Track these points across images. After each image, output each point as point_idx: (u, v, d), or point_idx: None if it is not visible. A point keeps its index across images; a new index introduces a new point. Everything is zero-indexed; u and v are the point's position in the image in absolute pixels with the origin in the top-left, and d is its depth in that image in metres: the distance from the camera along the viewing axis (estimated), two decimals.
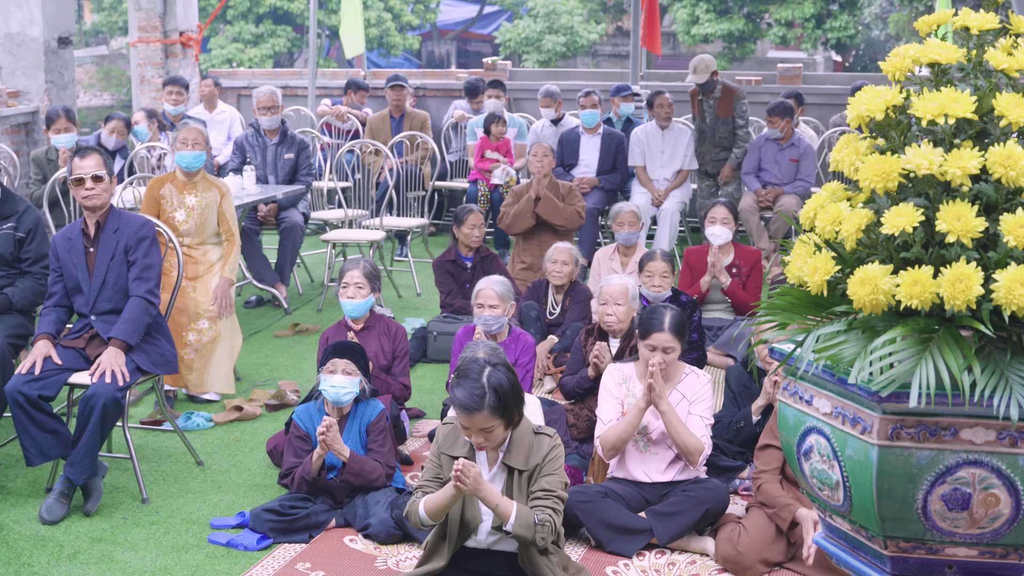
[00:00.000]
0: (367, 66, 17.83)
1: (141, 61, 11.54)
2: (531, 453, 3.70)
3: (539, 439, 3.73)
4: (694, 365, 5.87)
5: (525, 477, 3.68)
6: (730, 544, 4.23)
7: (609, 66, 25.46)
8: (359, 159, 9.34)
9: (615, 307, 5.37)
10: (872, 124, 2.64)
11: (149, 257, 4.92)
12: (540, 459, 3.69)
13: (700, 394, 4.56)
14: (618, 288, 5.40)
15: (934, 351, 2.36)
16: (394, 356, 5.34)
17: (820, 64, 25.58)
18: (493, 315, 5.36)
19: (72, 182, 4.89)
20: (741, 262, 6.98)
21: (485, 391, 3.53)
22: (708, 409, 4.55)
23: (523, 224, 7.70)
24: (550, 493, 3.66)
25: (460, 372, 3.63)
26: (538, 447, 3.71)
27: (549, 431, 3.77)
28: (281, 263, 7.99)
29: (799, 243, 2.70)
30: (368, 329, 5.34)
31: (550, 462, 3.70)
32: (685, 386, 4.58)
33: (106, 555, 4.31)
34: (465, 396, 3.55)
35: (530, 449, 3.70)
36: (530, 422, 3.78)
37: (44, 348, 4.74)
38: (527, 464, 3.68)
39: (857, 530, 2.61)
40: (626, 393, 4.62)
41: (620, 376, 4.68)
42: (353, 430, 4.67)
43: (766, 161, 9.03)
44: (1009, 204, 2.47)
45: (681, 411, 4.52)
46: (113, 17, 23.43)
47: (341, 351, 4.70)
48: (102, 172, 4.87)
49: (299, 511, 4.49)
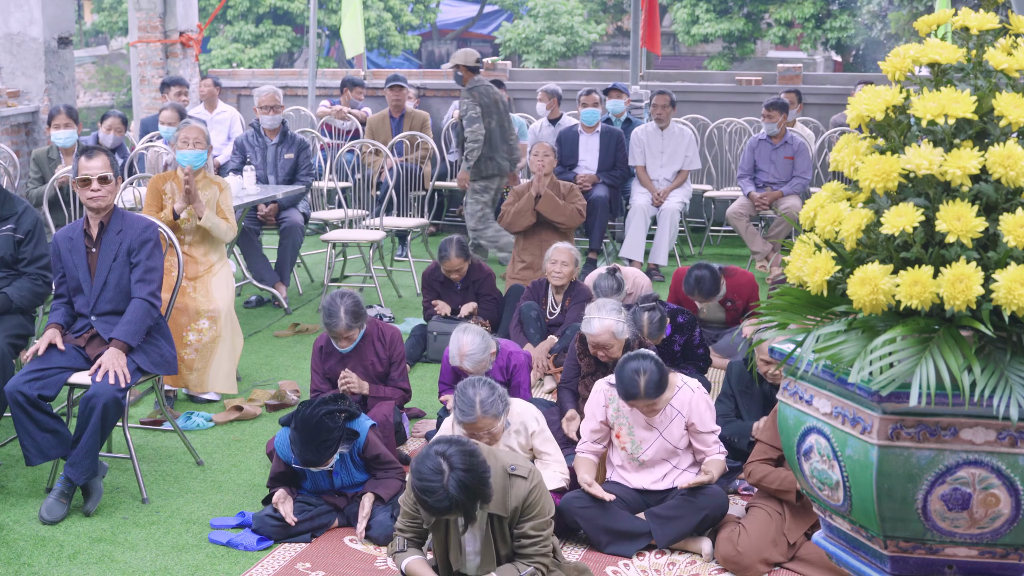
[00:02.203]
0: (367, 66, 17.82)
1: (141, 61, 11.53)
2: (508, 497, 3.58)
3: (515, 481, 3.61)
4: (704, 368, 5.87)
5: (507, 522, 3.62)
6: (730, 544, 4.23)
7: (609, 66, 25.45)
8: (359, 159, 9.34)
9: (605, 351, 5.12)
10: (872, 124, 2.64)
11: (152, 259, 4.91)
12: (520, 503, 3.59)
13: (697, 407, 4.51)
14: (604, 337, 5.06)
15: (934, 351, 2.36)
16: (390, 362, 5.30)
17: (820, 64, 25.56)
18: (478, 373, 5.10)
19: (78, 182, 4.87)
20: (734, 295, 6.65)
21: (449, 503, 3.38)
22: (712, 420, 4.53)
23: (524, 222, 7.70)
24: (536, 540, 3.60)
25: (418, 476, 3.41)
26: (516, 490, 3.60)
27: (524, 472, 3.63)
28: (281, 263, 7.99)
29: (799, 243, 2.70)
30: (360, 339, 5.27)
31: (530, 507, 3.60)
32: (679, 401, 4.52)
33: (106, 555, 4.31)
34: (428, 505, 3.42)
35: (506, 493, 3.58)
36: (503, 461, 3.65)
37: (52, 335, 4.75)
38: (506, 509, 3.59)
39: (857, 530, 2.61)
40: (613, 414, 4.57)
41: (606, 397, 4.60)
42: (347, 461, 4.60)
43: (762, 162, 9.06)
44: (1009, 204, 2.47)
45: (677, 426, 4.49)
46: (113, 17, 23.41)
47: (311, 455, 4.36)
48: (109, 173, 4.86)
49: (302, 514, 4.48)
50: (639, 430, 4.49)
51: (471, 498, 3.39)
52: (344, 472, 4.59)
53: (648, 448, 4.49)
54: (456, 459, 3.39)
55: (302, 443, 4.34)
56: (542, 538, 3.61)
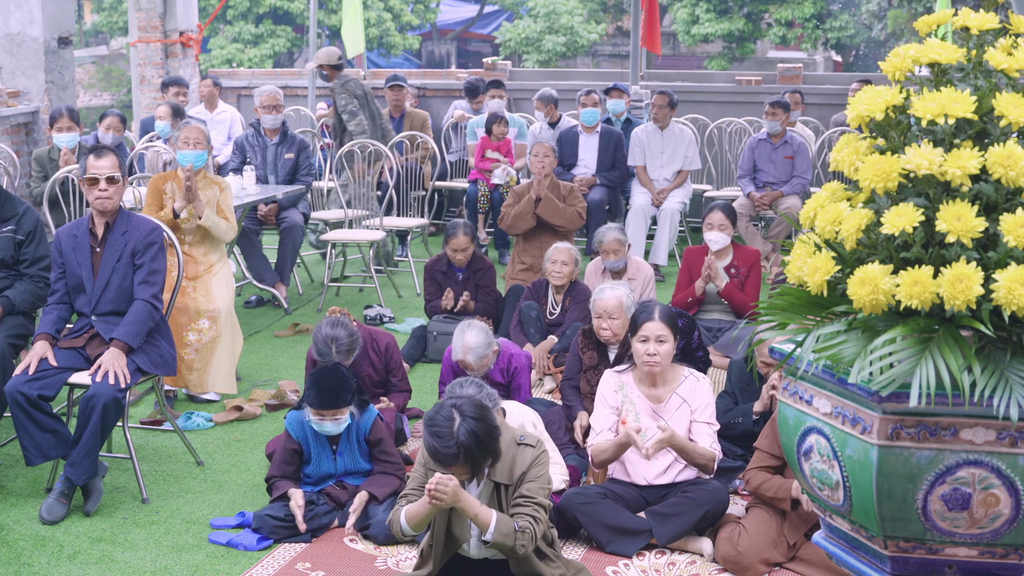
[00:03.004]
0: (367, 66, 17.82)
1: (141, 61, 11.54)
2: (515, 465, 3.66)
3: (522, 450, 3.68)
4: (704, 368, 5.87)
5: (512, 490, 3.66)
6: (730, 544, 4.23)
7: (609, 66, 25.46)
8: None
9: (610, 321, 5.26)
10: (872, 124, 2.64)
11: (156, 262, 4.91)
12: (524, 469, 3.65)
13: (701, 398, 4.53)
14: (613, 302, 5.27)
15: (934, 351, 2.36)
16: (387, 370, 5.29)
17: (820, 64, 25.57)
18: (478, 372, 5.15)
19: (86, 181, 4.87)
20: (739, 263, 6.89)
21: (458, 449, 3.45)
22: (712, 415, 4.53)
23: (524, 225, 7.70)
24: (530, 499, 3.63)
25: (430, 423, 3.52)
26: (521, 458, 3.66)
27: (532, 440, 3.71)
28: (281, 263, 7.99)
29: (799, 243, 2.70)
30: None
31: (532, 469, 3.66)
32: (685, 390, 4.56)
33: (106, 555, 4.31)
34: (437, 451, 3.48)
35: (513, 462, 3.66)
36: (513, 432, 3.73)
37: (42, 349, 4.73)
38: (511, 478, 3.65)
39: (857, 530, 2.61)
40: (623, 400, 4.60)
41: (616, 383, 4.64)
42: (352, 441, 4.64)
43: (762, 161, 9.07)
44: (1009, 204, 2.47)
45: (682, 415, 4.50)
46: (113, 17, 23.42)
47: (327, 401, 4.45)
48: (117, 174, 4.86)
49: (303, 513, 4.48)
50: (645, 418, 4.50)
51: (480, 447, 3.48)
52: (348, 453, 4.61)
53: (652, 436, 4.50)
54: (468, 409, 3.51)
55: (319, 386, 4.44)
56: (536, 500, 3.64)
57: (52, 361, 4.71)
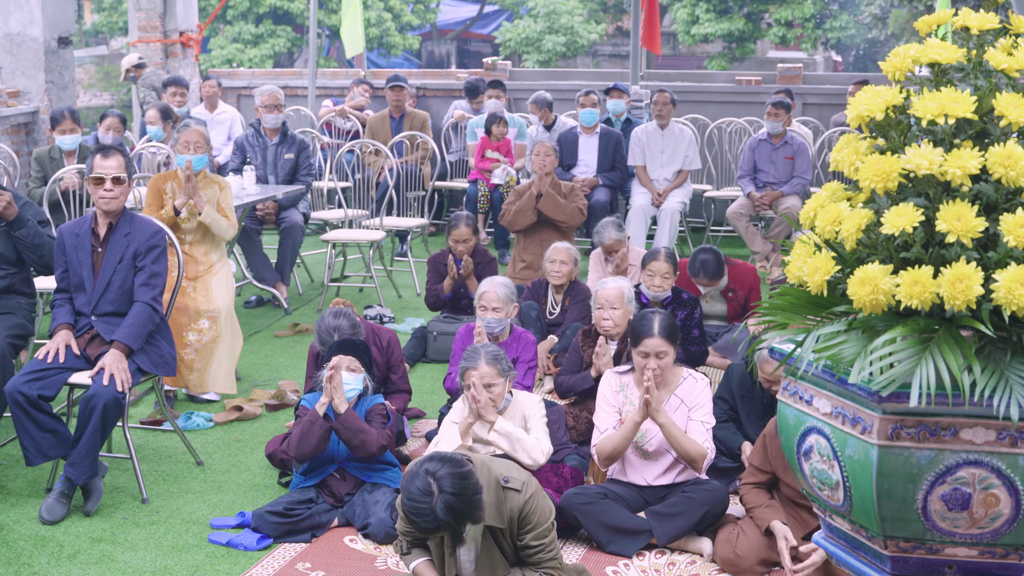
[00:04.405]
0: (367, 66, 17.82)
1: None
2: (502, 509, 3.60)
3: (508, 495, 3.62)
4: (698, 357, 5.88)
5: (506, 532, 3.63)
6: (728, 546, 4.23)
7: (609, 66, 25.45)
8: (359, 159, 9.34)
9: (611, 311, 5.31)
10: (872, 124, 2.64)
11: (158, 265, 4.91)
12: (515, 514, 3.60)
13: (699, 399, 4.53)
14: (614, 292, 5.35)
15: (934, 351, 2.36)
16: (388, 367, 5.30)
17: (820, 64, 25.57)
18: (496, 318, 5.38)
19: (92, 181, 4.86)
20: (736, 285, 6.66)
21: (436, 524, 3.39)
22: (708, 413, 4.53)
23: (525, 221, 7.70)
24: (539, 548, 3.62)
25: (407, 494, 3.39)
26: (510, 503, 3.61)
27: (517, 485, 3.63)
28: (281, 263, 7.99)
29: (799, 243, 2.70)
30: None
31: (526, 517, 3.61)
32: (683, 391, 4.56)
33: (106, 555, 4.31)
34: (416, 524, 3.43)
35: (500, 505, 3.59)
36: (496, 474, 3.64)
37: (66, 337, 4.75)
38: (502, 520, 3.60)
39: (857, 530, 2.61)
40: (624, 401, 4.59)
41: (618, 384, 4.65)
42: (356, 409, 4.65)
43: (762, 162, 9.07)
44: (1009, 204, 2.47)
45: (680, 416, 4.50)
46: (113, 17, 23.41)
47: (346, 348, 4.67)
48: (123, 175, 4.86)
49: (302, 512, 4.49)
50: (645, 423, 4.50)
51: (459, 521, 3.40)
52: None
53: (653, 438, 4.50)
54: (446, 482, 3.35)
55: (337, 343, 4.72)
56: (545, 545, 3.63)
57: (76, 350, 4.73)
